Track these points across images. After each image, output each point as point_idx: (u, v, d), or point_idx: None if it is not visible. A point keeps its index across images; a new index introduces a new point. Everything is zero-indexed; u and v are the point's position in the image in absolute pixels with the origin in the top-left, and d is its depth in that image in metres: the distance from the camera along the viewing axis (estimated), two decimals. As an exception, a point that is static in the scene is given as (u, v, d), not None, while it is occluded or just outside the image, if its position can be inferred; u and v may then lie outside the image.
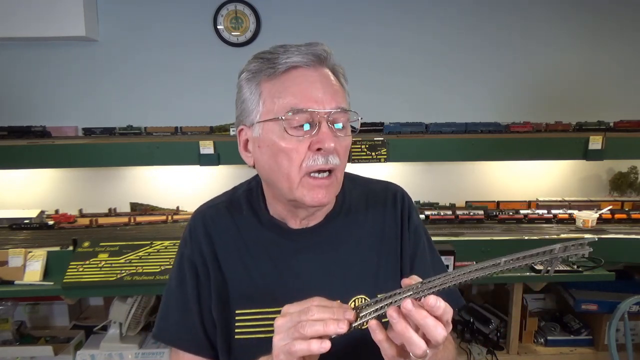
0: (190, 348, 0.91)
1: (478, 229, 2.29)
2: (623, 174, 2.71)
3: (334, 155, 0.81)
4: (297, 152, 0.80)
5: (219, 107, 2.27)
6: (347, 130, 0.84)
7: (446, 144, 2.28)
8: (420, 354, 0.61)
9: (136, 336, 2.14)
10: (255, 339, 0.88)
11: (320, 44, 0.83)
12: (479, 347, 2.23)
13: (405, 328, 0.61)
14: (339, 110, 0.81)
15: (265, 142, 0.83)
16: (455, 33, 2.65)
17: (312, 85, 0.80)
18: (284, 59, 0.80)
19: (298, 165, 0.80)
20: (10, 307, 2.22)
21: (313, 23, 2.60)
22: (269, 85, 0.82)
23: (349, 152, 0.87)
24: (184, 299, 0.92)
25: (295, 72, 0.81)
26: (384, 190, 1.00)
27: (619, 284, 2.12)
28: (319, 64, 0.82)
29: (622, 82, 2.73)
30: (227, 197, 0.98)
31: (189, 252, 0.93)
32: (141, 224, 2.36)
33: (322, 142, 0.78)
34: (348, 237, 0.92)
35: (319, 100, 0.79)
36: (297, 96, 0.79)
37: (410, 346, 0.61)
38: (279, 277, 0.88)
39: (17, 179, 2.56)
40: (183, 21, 2.57)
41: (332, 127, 0.81)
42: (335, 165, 0.82)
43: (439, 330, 0.61)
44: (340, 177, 0.86)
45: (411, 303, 0.60)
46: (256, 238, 0.92)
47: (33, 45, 2.51)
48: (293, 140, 0.80)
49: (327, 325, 0.63)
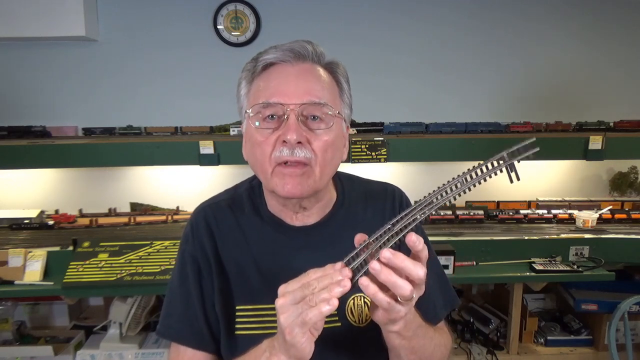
0: (192, 343, 0.91)
1: (478, 229, 2.29)
2: (623, 174, 2.71)
3: (301, 148, 0.81)
4: (267, 143, 0.82)
5: (219, 107, 2.27)
6: (326, 123, 0.84)
7: (446, 144, 2.28)
8: (408, 294, 0.65)
9: (136, 336, 2.13)
10: (255, 335, 0.88)
11: (306, 41, 0.85)
12: (479, 347, 2.23)
13: (389, 274, 0.64)
14: (309, 103, 0.81)
15: (247, 136, 0.88)
16: (455, 34, 2.65)
17: (285, 79, 0.83)
18: (263, 57, 0.85)
19: (268, 156, 0.83)
20: (10, 307, 2.22)
21: (313, 23, 2.60)
22: (253, 83, 0.86)
23: (335, 147, 0.86)
24: (186, 295, 0.92)
25: (272, 68, 0.85)
26: (382, 189, 1.01)
27: (619, 284, 2.12)
28: (297, 60, 0.84)
29: (622, 82, 2.73)
30: (228, 195, 0.99)
31: (191, 249, 0.93)
32: (141, 224, 2.36)
33: (285, 134, 0.80)
34: (347, 236, 0.92)
35: (289, 94, 0.81)
36: (269, 90, 0.82)
37: (397, 289, 0.65)
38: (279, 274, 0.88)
39: (17, 179, 2.56)
40: (183, 21, 2.57)
41: (304, 121, 0.82)
42: (305, 159, 0.81)
43: (418, 269, 0.65)
44: (320, 173, 0.84)
45: (387, 251, 0.64)
46: (257, 235, 0.93)
47: (33, 45, 2.51)
48: (265, 132, 0.83)
49: (332, 291, 0.65)
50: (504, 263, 2.08)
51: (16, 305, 2.29)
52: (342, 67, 0.89)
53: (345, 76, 0.89)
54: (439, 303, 0.98)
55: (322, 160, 0.83)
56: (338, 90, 0.88)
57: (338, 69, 0.88)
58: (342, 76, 0.89)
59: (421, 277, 0.65)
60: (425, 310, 0.79)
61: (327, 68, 0.87)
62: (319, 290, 0.66)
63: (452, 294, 1.02)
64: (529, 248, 2.11)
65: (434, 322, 0.95)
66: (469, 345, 2.25)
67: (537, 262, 2.05)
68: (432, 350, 0.84)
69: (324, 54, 0.86)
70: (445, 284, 1.01)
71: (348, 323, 0.90)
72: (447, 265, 1.98)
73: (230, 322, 0.90)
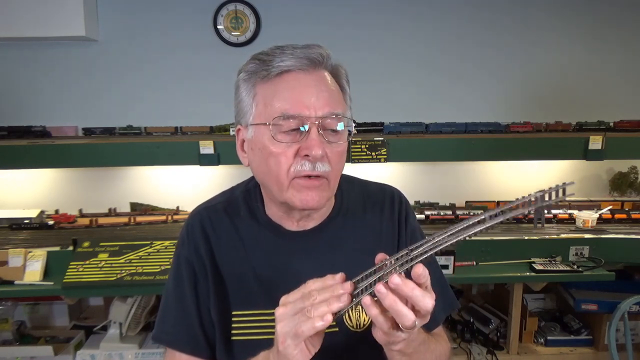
0: (187, 349, 0.90)
1: (478, 229, 2.29)
2: (623, 174, 2.71)
3: (322, 163, 0.80)
4: (286, 156, 0.80)
5: (219, 107, 2.27)
6: (341, 135, 0.83)
7: (446, 144, 2.28)
8: (410, 324, 0.63)
9: (136, 336, 2.14)
10: (253, 340, 0.88)
11: (318, 46, 0.82)
12: (479, 347, 2.23)
13: (394, 301, 0.62)
14: (328, 116, 0.80)
15: (257, 145, 0.83)
16: (456, 35, 2.65)
17: (304, 90, 0.79)
18: (277, 62, 0.80)
19: (286, 170, 0.80)
20: (10, 307, 2.22)
21: (313, 23, 2.60)
22: (263, 88, 0.82)
23: (344, 156, 0.86)
24: (182, 300, 0.91)
25: (288, 76, 0.80)
26: (381, 192, 1.00)
27: (619, 284, 2.12)
28: (313, 68, 0.81)
29: (622, 82, 2.73)
30: (224, 198, 0.97)
31: (186, 253, 0.92)
32: (141, 224, 2.36)
33: (310, 149, 0.78)
34: (346, 239, 0.92)
35: (310, 106, 0.79)
36: (288, 101, 0.79)
37: (400, 318, 0.63)
38: (276, 279, 0.88)
39: (17, 179, 2.56)
40: (183, 21, 2.57)
41: (323, 133, 0.80)
42: (324, 172, 0.80)
43: (427, 300, 0.63)
44: (334, 184, 0.84)
45: (398, 277, 0.61)
46: (254, 239, 0.92)
47: (33, 45, 2.51)
48: (282, 145, 0.79)
49: (330, 305, 0.64)
50: (504, 263, 2.08)
51: (16, 305, 2.29)
52: (343, 69, 0.88)
53: (346, 78, 0.88)
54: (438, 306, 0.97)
55: (336, 171, 0.84)
56: (343, 94, 0.87)
57: (340, 73, 0.87)
58: (344, 79, 0.88)
59: (428, 309, 0.63)
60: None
61: (332, 73, 0.85)
62: (319, 302, 0.65)
63: (452, 297, 1.01)
64: (529, 248, 2.11)
65: (433, 326, 0.94)
66: (469, 345, 2.25)
67: (537, 262, 2.05)
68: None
69: (330, 57, 0.84)
70: (445, 286, 1.00)
71: (346, 328, 0.90)
72: (447, 265, 1.98)
73: (226, 327, 0.89)
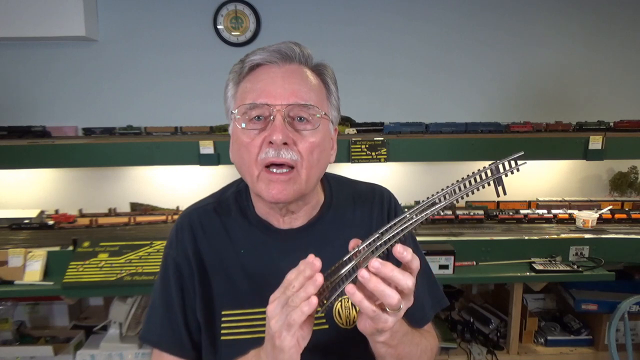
0: (171, 349, 0.91)
1: (478, 229, 2.29)
2: (623, 174, 2.71)
3: (287, 150, 0.80)
4: (253, 145, 0.82)
5: (219, 107, 2.24)
6: (312, 125, 0.83)
7: (446, 144, 2.28)
8: (395, 303, 0.65)
9: (136, 336, 2.13)
10: (242, 339, 0.88)
11: (292, 42, 0.85)
12: (479, 347, 2.23)
13: (377, 283, 0.64)
14: (295, 104, 0.81)
15: (233, 138, 0.88)
16: (456, 34, 2.65)
17: (272, 80, 0.82)
18: (250, 58, 0.84)
19: (254, 158, 0.82)
20: (10, 307, 2.22)
21: (313, 23, 2.60)
22: (240, 85, 0.86)
23: (322, 150, 0.86)
24: (168, 300, 0.92)
25: (259, 69, 0.84)
26: (370, 190, 1.00)
27: (619, 284, 2.12)
28: (284, 61, 0.83)
29: (622, 82, 2.73)
30: (215, 199, 0.98)
31: (174, 254, 0.93)
32: (141, 224, 2.36)
33: (271, 135, 0.79)
34: (336, 237, 0.92)
35: (277, 95, 0.80)
36: (256, 91, 0.82)
37: (385, 299, 0.64)
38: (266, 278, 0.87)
39: (17, 179, 2.56)
40: (183, 21, 2.57)
41: (290, 122, 0.81)
42: (291, 161, 0.81)
43: (407, 279, 0.65)
44: (307, 176, 0.83)
45: (376, 261, 0.63)
46: (244, 239, 0.92)
47: (33, 45, 2.51)
48: (251, 133, 0.82)
49: (306, 289, 0.66)
50: (504, 263, 2.08)
51: (16, 305, 2.29)
52: (330, 69, 0.88)
53: (333, 78, 0.89)
54: (427, 304, 0.98)
55: (308, 163, 0.83)
56: (325, 92, 0.87)
57: (326, 71, 0.88)
58: (330, 78, 0.88)
59: (410, 287, 0.65)
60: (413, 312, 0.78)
61: (314, 70, 0.86)
62: (297, 290, 0.66)
63: (441, 294, 1.02)
64: (529, 248, 2.11)
65: (422, 323, 0.95)
66: (469, 345, 2.25)
67: (537, 262, 2.05)
68: (419, 356, 0.84)
69: (311, 56, 0.86)
70: (434, 284, 1.01)
71: (335, 325, 0.90)
72: (447, 265, 1.98)
73: (213, 328, 0.90)
